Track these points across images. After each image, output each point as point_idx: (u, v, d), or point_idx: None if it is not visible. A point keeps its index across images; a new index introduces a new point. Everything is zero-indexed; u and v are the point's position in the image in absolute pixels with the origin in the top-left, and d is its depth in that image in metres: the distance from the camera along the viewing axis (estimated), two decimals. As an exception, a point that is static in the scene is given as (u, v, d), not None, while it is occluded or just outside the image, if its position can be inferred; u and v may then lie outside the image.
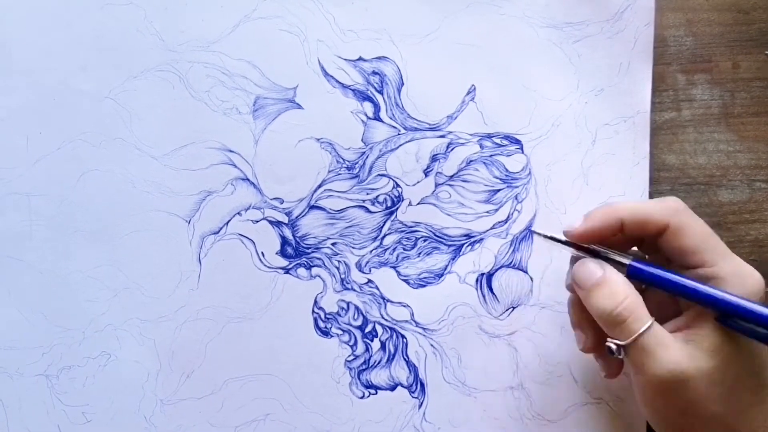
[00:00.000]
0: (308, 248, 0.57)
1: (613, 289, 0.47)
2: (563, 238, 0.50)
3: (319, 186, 0.57)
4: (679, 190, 0.58)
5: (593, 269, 0.49)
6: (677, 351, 0.46)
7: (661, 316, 0.48)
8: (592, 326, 0.50)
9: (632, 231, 0.49)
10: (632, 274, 0.48)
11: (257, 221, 0.57)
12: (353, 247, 0.57)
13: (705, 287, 0.46)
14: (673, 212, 0.48)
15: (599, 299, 0.48)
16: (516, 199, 0.57)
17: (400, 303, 0.57)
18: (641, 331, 0.46)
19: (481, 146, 0.57)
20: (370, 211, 0.57)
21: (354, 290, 0.57)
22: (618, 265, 0.48)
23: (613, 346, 0.47)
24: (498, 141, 0.57)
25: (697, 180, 0.58)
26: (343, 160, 0.57)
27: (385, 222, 0.57)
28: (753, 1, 0.58)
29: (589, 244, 0.50)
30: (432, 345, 0.57)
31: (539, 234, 0.51)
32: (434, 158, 0.57)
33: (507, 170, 0.57)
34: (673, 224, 0.48)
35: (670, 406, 0.47)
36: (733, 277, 0.46)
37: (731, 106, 0.58)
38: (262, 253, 0.57)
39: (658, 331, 0.46)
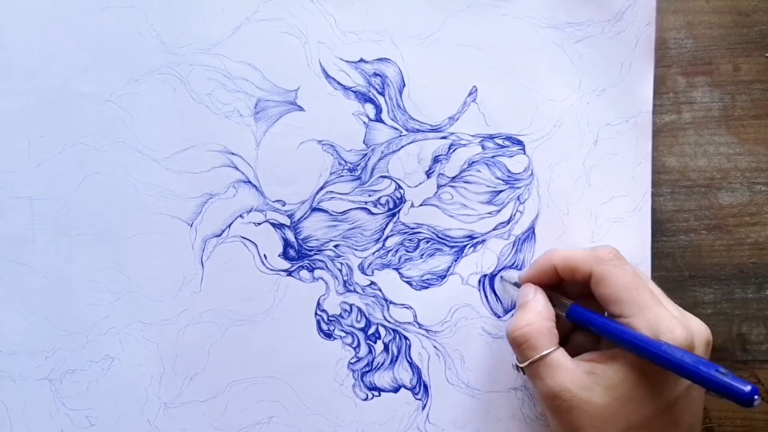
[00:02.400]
0: (311, 250, 0.56)
1: (524, 315, 0.50)
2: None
3: (321, 188, 0.56)
4: (680, 193, 0.57)
5: (526, 292, 0.52)
6: (572, 377, 0.47)
7: (594, 347, 0.51)
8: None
9: (566, 276, 0.51)
10: (570, 316, 0.51)
11: (259, 224, 0.56)
12: (356, 249, 0.56)
13: (620, 328, 0.47)
14: (597, 261, 0.49)
15: (513, 319, 0.51)
16: (518, 200, 0.56)
17: (402, 305, 0.56)
18: (533, 358, 0.49)
19: (483, 147, 0.56)
20: (373, 213, 0.56)
21: (357, 292, 0.56)
22: (561, 307, 0.51)
23: (515, 364, 0.53)
24: (500, 142, 0.56)
25: (698, 182, 0.57)
26: (345, 162, 0.56)
27: (387, 224, 0.56)
28: (753, 4, 0.57)
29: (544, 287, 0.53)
30: (435, 346, 0.56)
31: (506, 281, 0.56)
32: (436, 159, 0.56)
33: (509, 171, 0.56)
34: (596, 273, 0.49)
35: (558, 425, 0.49)
36: (646, 331, 0.47)
37: (732, 109, 0.57)
38: (265, 255, 0.56)
39: (560, 357, 0.49)
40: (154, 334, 0.56)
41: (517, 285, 0.54)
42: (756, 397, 0.42)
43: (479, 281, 0.56)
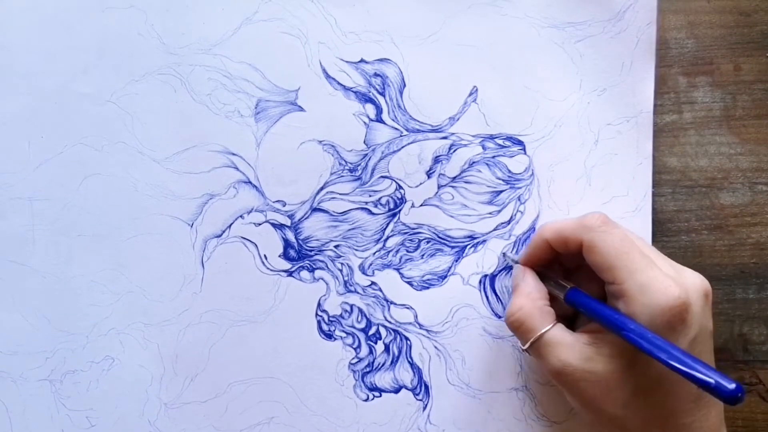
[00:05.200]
0: (311, 251, 0.56)
1: (515, 299, 0.51)
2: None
3: (322, 188, 0.55)
4: (681, 193, 0.57)
5: (515, 275, 0.53)
6: (573, 351, 0.48)
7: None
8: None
9: (560, 249, 0.51)
10: (568, 301, 0.50)
11: (260, 224, 0.55)
12: (356, 250, 0.56)
13: (612, 316, 0.47)
14: (586, 230, 0.49)
15: (508, 305, 0.52)
16: (519, 200, 0.56)
17: (403, 305, 0.56)
18: (531, 339, 0.49)
19: (484, 147, 0.55)
20: (373, 213, 0.56)
21: (357, 293, 0.56)
22: (561, 289, 0.51)
23: (519, 347, 0.54)
24: (500, 142, 0.55)
25: (699, 183, 0.57)
26: (346, 162, 0.55)
27: (387, 224, 0.56)
28: (755, 4, 0.56)
29: (539, 268, 0.53)
30: (436, 347, 0.56)
31: (509, 258, 0.55)
32: (437, 160, 0.55)
33: (510, 171, 0.56)
34: (585, 241, 0.49)
35: (573, 399, 0.49)
36: (638, 294, 0.46)
37: (733, 109, 0.57)
38: (265, 255, 0.55)
39: (557, 333, 0.49)
40: (155, 334, 0.55)
41: (517, 262, 0.54)
42: (740, 394, 0.40)
43: (480, 281, 0.56)
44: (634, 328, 0.45)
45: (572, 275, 0.53)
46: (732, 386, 0.41)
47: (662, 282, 0.45)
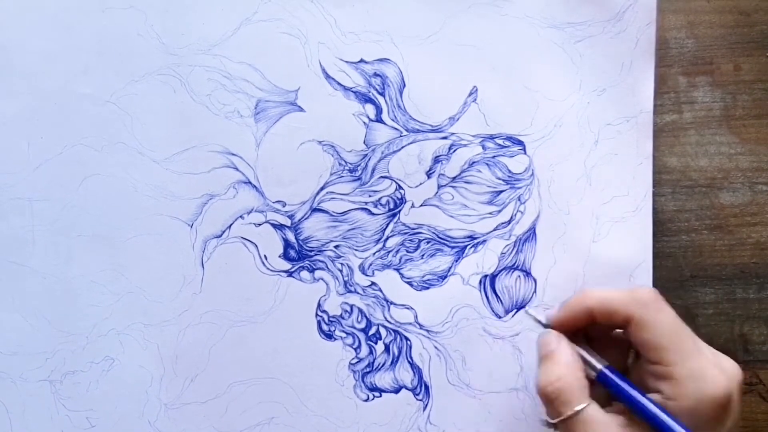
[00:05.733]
0: (311, 251, 0.55)
1: (552, 368, 0.48)
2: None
3: (322, 188, 0.55)
4: (681, 193, 0.57)
5: (549, 341, 0.49)
6: None
7: None
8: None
9: (602, 320, 0.48)
10: (600, 381, 0.48)
11: (260, 224, 0.55)
12: (356, 250, 0.56)
13: (651, 409, 0.45)
14: (639, 305, 0.47)
15: (541, 372, 0.48)
16: (519, 200, 0.55)
17: (403, 305, 0.56)
18: (566, 414, 0.46)
19: (484, 147, 0.55)
20: (373, 214, 0.56)
21: (357, 293, 0.56)
22: (591, 365, 0.49)
23: (545, 420, 0.48)
24: (500, 142, 0.55)
25: (699, 182, 0.57)
26: (346, 162, 0.55)
27: (387, 224, 0.56)
28: (755, 3, 0.57)
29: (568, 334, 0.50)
30: (436, 347, 0.56)
31: (531, 316, 0.52)
32: (436, 160, 0.55)
33: (510, 171, 0.55)
34: (636, 318, 0.47)
35: None
36: (688, 381, 0.45)
37: (733, 109, 0.57)
38: (265, 256, 0.55)
39: (593, 413, 0.46)
40: (155, 335, 0.55)
41: (542, 324, 0.51)
42: None
43: (480, 282, 0.55)
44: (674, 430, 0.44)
45: (591, 342, 0.51)
46: None
47: (711, 371, 0.45)
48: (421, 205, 0.55)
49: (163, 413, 0.55)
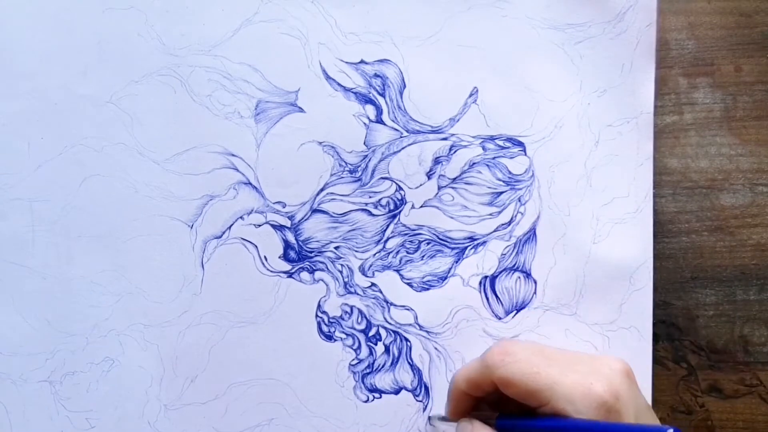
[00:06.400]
0: (311, 252, 0.55)
1: None
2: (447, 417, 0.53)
3: (322, 189, 0.55)
4: (681, 194, 0.57)
5: (463, 428, 0.50)
6: None
7: None
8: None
9: (480, 394, 0.50)
10: (500, 429, 0.49)
11: (260, 225, 0.55)
12: (356, 251, 0.55)
13: (548, 422, 0.46)
14: (491, 369, 0.48)
15: None
16: (519, 201, 0.55)
17: (403, 306, 0.56)
18: None
19: (484, 148, 0.55)
20: (373, 215, 0.55)
21: (357, 294, 0.55)
22: (490, 421, 0.50)
23: None
24: (501, 143, 0.55)
25: (699, 184, 0.57)
26: (346, 163, 0.55)
27: (388, 225, 0.55)
28: (755, 5, 0.56)
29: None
30: (436, 348, 0.56)
31: (438, 420, 0.54)
32: (437, 161, 0.55)
33: (510, 172, 0.55)
34: (496, 381, 0.48)
35: None
36: (568, 406, 0.45)
37: (733, 110, 0.57)
38: (265, 257, 0.55)
39: None
40: (155, 335, 0.55)
41: (446, 419, 0.53)
42: None
43: (480, 283, 0.55)
44: (569, 427, 0.45)
45: (508, 401, 0.50)
46: (670, 431, 0.40)
47: (582, 385, 0.45)
48: (422, 206, 0.55)
49: (163, 414, 0.55)
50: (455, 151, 0.55)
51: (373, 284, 0.55)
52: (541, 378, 0.46)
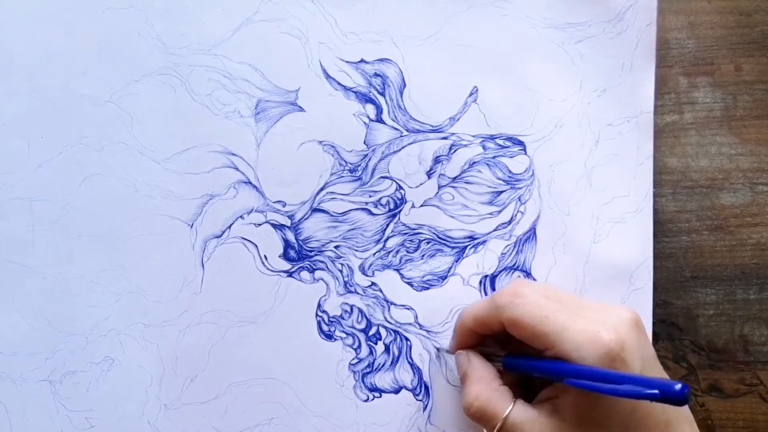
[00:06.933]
0: (311, 251, 0.55)
1: (469, 389, 0.50)
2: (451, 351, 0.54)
3: (322, 189, 0.55)
4: (681, 193, 0.57)
5: (460, 362, 0.52)
6: (539, 425, 0.47)
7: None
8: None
9: (486, 332, 0.51)
10: (507, 368, 0.50)
11: (260, 224, 0.55)
12: (356, 250, 0.55)
13: (550, 369, 0.47)
14: (499, 309, 0.48)
15: (462, 396, 0.51)
16: (519, 200, 0.55)
17: (403, 306, 0.55)
18: (497, 426, 0.47)
19: (484, 148, 0.55)
20: (373, 214, 0.55)
21: (357, 293, 0.55)
22: (497, 361, 0.51)
23: None
24: (501, 142, 0.55)
25: (699, 183, 0.57)
26: (346, 162, 0.55)
27: (388, 224, 0.55)
28: (756, 4, 0.56)
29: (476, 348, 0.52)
30: (436, 347, 0.55)
31: (444, 352, 0.55)
32: (437, 160, 0.55)
33: (510, 172, 0.55)
34: (504, 321, 0.48)
35: None
36: (574, 353, 0.45)
37: (733, 109, 0.57)
38: (265, 256, 0.55)
39: (520, 412, 0.47)
40: (155, 335, 0.55)
41: (448, 352, 0.54)
42: (686, 392, 0.40)
43: (480, 282, 0.55)
44: (572, 372, 0.45)
45: (512, 341, 0.51)
46: (678, 387, 0.40)
47: (589, 332, 0.45)
48: (422, 206, 0.55)
49: (162, 413, 0.55)
50: (455, 151, 0.55)
51: (373, 283, 0.55)
52: (550, 322, 0.46)
